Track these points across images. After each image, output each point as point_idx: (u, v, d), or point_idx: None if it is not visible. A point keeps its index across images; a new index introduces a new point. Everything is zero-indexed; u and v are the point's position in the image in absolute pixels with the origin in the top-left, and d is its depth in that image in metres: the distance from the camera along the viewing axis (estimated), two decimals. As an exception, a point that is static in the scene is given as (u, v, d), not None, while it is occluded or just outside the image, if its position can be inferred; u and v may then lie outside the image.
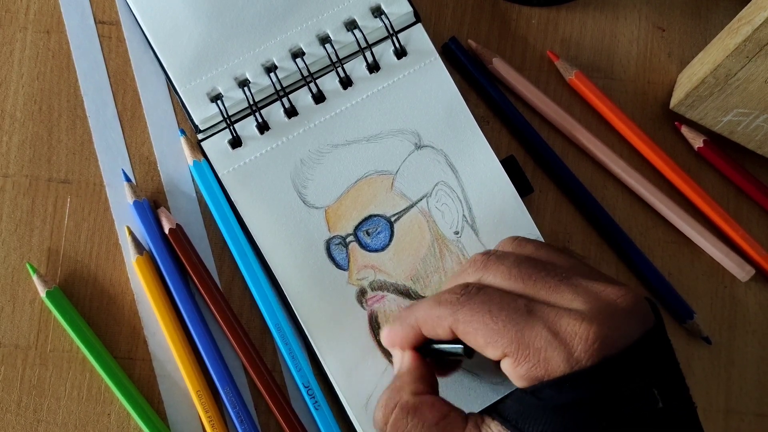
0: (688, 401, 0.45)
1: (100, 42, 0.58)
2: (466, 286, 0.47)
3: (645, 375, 0.43)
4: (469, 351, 0.48)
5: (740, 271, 0.59)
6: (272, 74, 0.57)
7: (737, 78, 0.55)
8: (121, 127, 0.57)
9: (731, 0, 0.63)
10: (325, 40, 0.58)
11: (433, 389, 0.49)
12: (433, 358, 0.50)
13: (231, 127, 0.56)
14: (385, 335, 0.51)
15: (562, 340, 0.43)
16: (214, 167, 0.56)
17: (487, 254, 0.49)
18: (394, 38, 0.58)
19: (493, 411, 0.45)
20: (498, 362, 0.46)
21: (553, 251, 0.49)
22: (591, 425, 0.42)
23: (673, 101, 0.60)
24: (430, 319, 0.47)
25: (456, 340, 0.48)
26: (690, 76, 0.59)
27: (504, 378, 0.46)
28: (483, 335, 0.45)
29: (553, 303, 0.45)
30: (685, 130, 0.61)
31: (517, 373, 0.44)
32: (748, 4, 0.55)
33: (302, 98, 0.57)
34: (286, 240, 0.55)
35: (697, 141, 0.61)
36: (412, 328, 0.49)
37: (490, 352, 0.45)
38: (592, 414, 0.42)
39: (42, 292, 0.53)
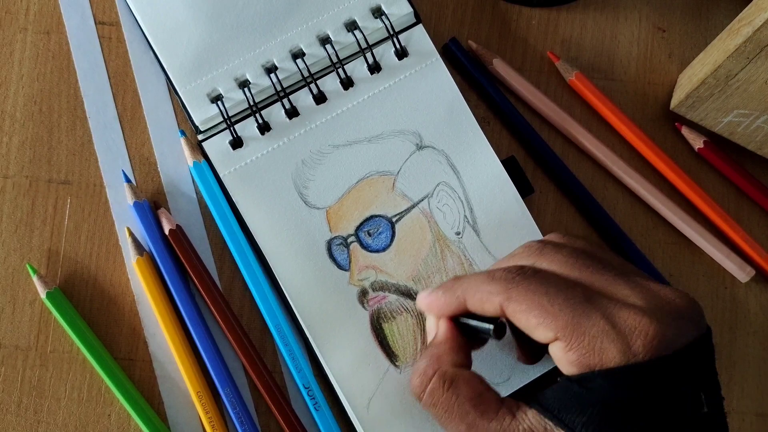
0: (723, 409, 0.45)
1: (100, 43, 0.58)
2: (522, 267, 0.46)
3: (696, 378, 0.43)
4: (499, 332, 0.48)
5: (741, 272, 0.59)
6: (272, 75, 0.57)
7: (737, 79, 0.55)
8: (122, 127, 0.57)
9: (732, 1, 0.63)
10: (325, 40, 0.58)
11: (470, 363, 0.49)
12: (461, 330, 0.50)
13: (231, 128, 0.56)
14: (424, 297, 0.50)
15: (620, 332, 0.43)
16: (215, 168, 0.56)
17: (543, 242, 0.49)
18: (395, 39, 0.58)
19: (531, 399, 0.45)
20: (526, 350, 0.45)
21: (603, 249, 0.49)
22: (638, 423, 0.42)
23: (674, 102, 0.60)
24: (480, 293, 0.47)
25: (489, 320, 0.48)
26: (690, 77, 0.59)
27: (512, 366, 0.46)
28: (536, 315, 0.44)
29: (611, 295, 0.45)
30: (685, 131, 0.61)
31: (567, 358, 0.43)
32: (749, 6, 0.55)
33: (303, 99, 0.57)
34: (287, 240, 0.55)
35: (697, 142, 0.61)
36: (456, 299, 0.48)
37: (541, 333, 0.44)
38: (640, 412, 0.42)
39: (42, 293, 0.53)
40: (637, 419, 0.42)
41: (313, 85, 0.57)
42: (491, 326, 0.48)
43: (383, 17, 0.58)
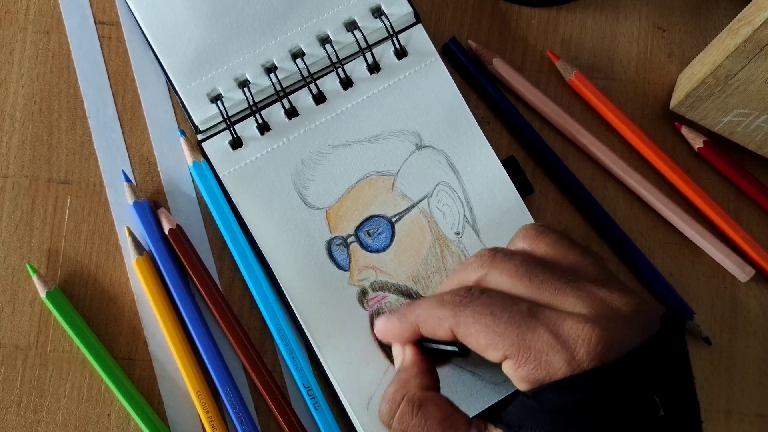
0: (693, 412, 0.45)
1: (100, 42, 0.58)
2: (469, 289, 0.47)
3: (646, 381, 0.43)
4: (464, 350, 0.48)
5: (741, 272, 0.59)
6: (272, 75, 0.57)
7: (737, 78, 0.55)
8: (121, 127, 0.57)
9: (731, 0, 0.63)
10: (325, 40, 0.58)
11: (437, 385, 0.49)
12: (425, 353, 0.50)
13: (231, 128, 0.56)
14: (380, 327, 0.51)
15: (564, 343, 0.43)
16: (215, 168, 0.56)
17: (495, 250, 0.49)
18: (395, 39, 0.58)
19: (495, 419, 0.45)
20: (500, 365, 0.46)
21: (567, 247, 0.48)
22: (591, 430, 0.42)
23: (673, 102, 0.60)
24: (431, 319, 0.47)
25: (453, 342, 0.48)
26: (690, 77, 0.59)
27: (505, 378, 0.46)
28: (484, 337, 0.45)
29: (557, 306, 0.45)
30: (685, 130, 0.61)
31: (518, 375, 0.44)
32: (748, 5, 0.55)
33: (303, 99, 0.57)
34: (287, 241, 0.55)
35: (697, 141, 0.61)
36: (410, 326, 0.49)
37: (492, 354, 0.45)
38: (592, 419, 0.42)
39: (42, 292, 0.53)
40: (588, 425, 0.42)
41: (312, 85, 0.57)
42: (455, 348, 0.48)
43: (383, 17, 0.58)
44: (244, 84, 0.57)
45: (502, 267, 0.47)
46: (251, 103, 0.56)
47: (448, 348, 0.49)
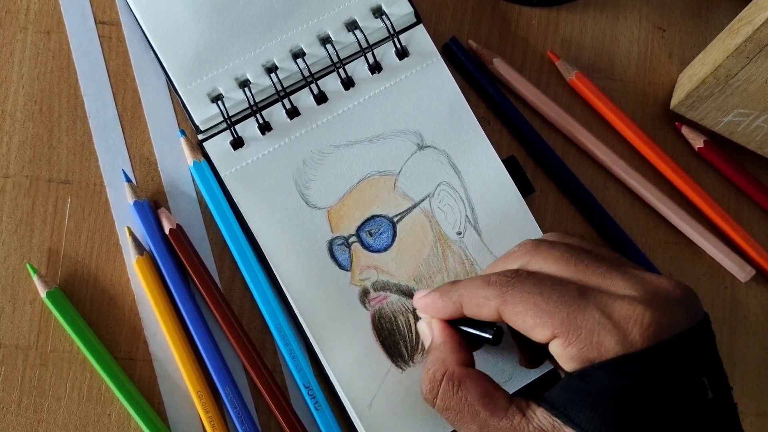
0: (731, 397, 0.45)
1: (100, 42, 0.58)
2: (517, 271, 0.47)
3: (696, 363, 0.43)
4: (497, 338, 0.48)
5: (741, 272, 0.59)
6: (273, 75, 0.57)
7: (737, 78, 0.55)
8: (122, 127, 0.57)
9: (732, 0, 0.63)
10: (326, 40, 0.58)
11: (473, 360, 0.49)
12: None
13: (232, 128, 0.56)
14: (421, 299, 0.51)
15: (616, 323, 0.43)
16: (217, 168, 0.56)
17: (538, 240, 0.49)
18: (396, 39, 0.58)
19: (539, 398, 0.45)
20: (525, 351, 0.45)
21: (594, 245, 0.49)
22: (643, 413, 0.42)
23: (674, 102, 0.60)
24: (476, 298, 0.47)
25: (485, 328, 0.48)
26: (690, 77, 0.59)
27: (514, 365, 0.46)
28: (533, 316, 0.44)
29: (606, 289, 0.45)
30: (685, 130, 0.61)
31: (567, 354, 0.44)
32: (749, 5, 0.55)
33: (304, 99, 0.57)
34: (288, 241, 0.55)
35: (697, 141, 0.61)
36: (453, 303, 0.49)
37: (539, 333, 0.45)
38: (645, 401, 0.42)
39: (42, 292, 0.53)
40: (641, 408, 0.42)
41: (313, 85, 0.57)
42: (490, 335, 0.48)
43: (384, 17, 0.58)
44: (244, 84, 0.57)
45: (546, 254, 0.47)
46: (252, 103, 0.56)
47: (483, 334, 0.49)
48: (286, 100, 0.57)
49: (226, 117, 0.56)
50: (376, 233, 0.56)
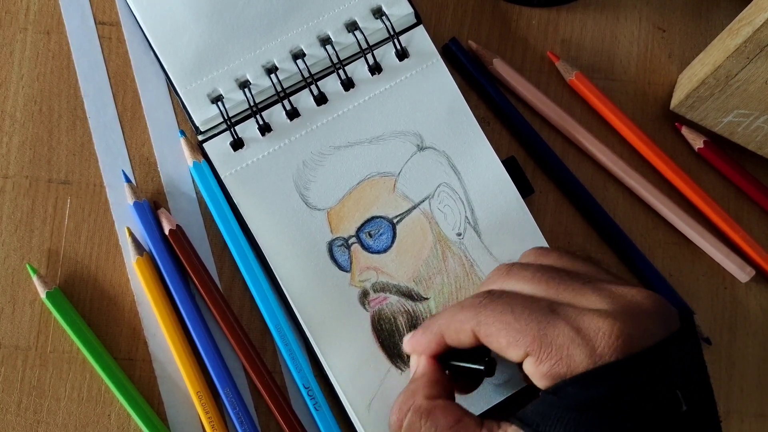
0: (712, 410, 0.45)
1: (100, 43, 0.58)
2: (490, 292, 0.47)
3: (668, 376, 0.43)
4: (489, 369, 0.48)
5: (741, 272, 0.59)
6: (273, 75, 0.57)
7: (737, 79, 0.55)
8: (122, 128, 0.57)
9: (732, 1, 0.63)
10: (326, 41, 0.58)
11: (448, 394, 0.49)
12: (454, 374, 0.50)
13: (232, 129, 0.56)
14: (407, 341, 0.51)
15: (585, 336, 0.43)
16: (216, 169, 0.56)
17: (512, 263, 0.49)
18: (396, 40, 0.58)
19: (511, 416, 0.45)
20: (516, 366, 0.46)
21: (574, 259, 0.49)
22: (613, 425, 0.42)
23: (674, 102, 0.60)
24: (453, 324, 0.47)
25: (476, 358, 0.48)
26: (690, 77, 0.59)
27: (506, 378, 0.46)
28: (505, 335, 0.45)
29: (577, 304, 0.45)
30: (685, 130, 0.61)
31: (539, 371, 0.44)
32: (749, 5, 0.55)
33: (304, 100, 0.57)
34: (288, 242, 0.55)
35: (697, 142, 0.61)
36: (435, 336, 0.49)
37: (513, 353, 0.45)
38: (614, 414, 0.42)
39: (42, 293, 0.53)
40: (611, 419, 0.42)
41: (313, 86, 0.57)
42: (482, 366, 0.48)
43: (384, 18, 0.58)
44: (244, 85, 0.57)
45: (519, 275, 0.48)
46: (252, 103, 0.56)
47: (474, 366, 0.49)
48: (286, 101, 0.57)
49: (226, 118, 0.56)
50: (376, 234, 0.56)
